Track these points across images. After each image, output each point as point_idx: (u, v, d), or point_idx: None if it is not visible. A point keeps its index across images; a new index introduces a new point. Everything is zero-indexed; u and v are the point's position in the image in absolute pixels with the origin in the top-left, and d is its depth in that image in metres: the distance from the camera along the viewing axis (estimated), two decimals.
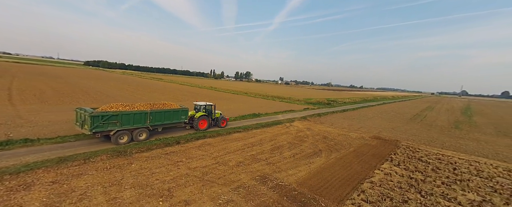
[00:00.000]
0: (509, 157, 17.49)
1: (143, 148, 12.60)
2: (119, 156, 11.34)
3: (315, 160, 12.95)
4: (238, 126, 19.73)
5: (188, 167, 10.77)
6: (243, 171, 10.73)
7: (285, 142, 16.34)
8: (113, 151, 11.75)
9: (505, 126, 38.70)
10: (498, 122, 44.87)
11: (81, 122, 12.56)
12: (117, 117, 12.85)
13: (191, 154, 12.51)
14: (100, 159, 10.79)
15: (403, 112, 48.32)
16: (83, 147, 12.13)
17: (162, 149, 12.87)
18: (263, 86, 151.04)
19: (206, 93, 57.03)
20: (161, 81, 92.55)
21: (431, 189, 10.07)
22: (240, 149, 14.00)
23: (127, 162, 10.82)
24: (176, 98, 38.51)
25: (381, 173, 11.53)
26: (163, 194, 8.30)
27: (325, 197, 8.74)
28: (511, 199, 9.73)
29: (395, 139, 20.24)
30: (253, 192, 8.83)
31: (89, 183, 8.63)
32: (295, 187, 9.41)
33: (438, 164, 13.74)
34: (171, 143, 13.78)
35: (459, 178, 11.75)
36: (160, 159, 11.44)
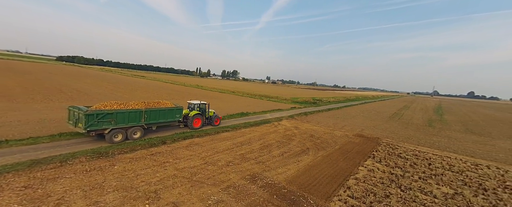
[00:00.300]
0: (475, 152, 19.04)
1: (126, 149, 12.05)
2: (99, 158, 10.74)
3: (303, 158, 13.20)
4: (226, 125, 19.54)
5: (175, 168, 10.47)
6: (233, 170, 10.65)
7: (273, 141, 16.46)
8: (93, 152, 11.11)
9: (471, 124, 42.09)
10: (465, 120, 48.70)
11: (74, 121, 12.25)
12: (112, 116, 12.72)
13: (178, 154, 12.17)
14: (78, 161, 10.15)
15: (383, 111, 50.76)
16: (60, 149, 11.33)
17: (147, 150, 12.39)
18: (250, 85, 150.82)
19: (192, 91, 55.83)
20: (144, 78, 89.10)
21: (409, 183, 10.69)
22: (229, 148, 13.88)
23: (109, 164, 10.28)
24: (160, 97, 37.26)
25: (364, 170, 12.02)
26: (150, 196, 8.00)
27: (313, 194, 8.93)
28: (478, 191, 10.60)
29: (376, 137, 21.21)
30: (243, 191, 8.79)
31: (67, 187, 8.08)
32: (284, 185, 9.52)
33: (415, 160, 14.61)
34: (156, 144, 13.31)
35: (434, 172, 12.58)
36: (145, 160, 11.01)
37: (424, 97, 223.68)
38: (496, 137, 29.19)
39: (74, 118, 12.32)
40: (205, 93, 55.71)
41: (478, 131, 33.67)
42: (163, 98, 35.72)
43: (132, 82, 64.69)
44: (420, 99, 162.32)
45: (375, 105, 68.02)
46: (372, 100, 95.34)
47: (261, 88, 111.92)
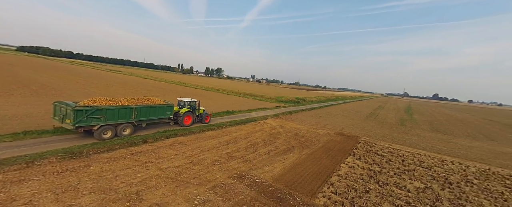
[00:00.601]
0: (441, 149, 20.81)
1: (103, 148, 11.29)
2: (72, 158, 9.94)
3: (289, 156, 13.41)
4: (212, 124, 19.18)
5: (158, 167, 10.04)
6: (219, 169, 10.48)
7: (259, 139, 16.50)
8: (65, 152, 10.24)
9: (437, 123, 45.94)
10: (431, 119, 52.99)
11: (61, 116, 11.90)
12: (101, 112, 12.47)
13: (161, 153, 11.69)
14: (48, 162, 9.30)
15: (361, 111, 53.39)
16: (25, 149, 10.30)
17: (127, 149, 11.73)
18: (235, 83, 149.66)
19: (174, 88, 54.00)
20: (120, 73, 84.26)
21: (386, 179, 11.37)
22: (215, 147, 13.63)
23: (83, 164, 9.56)
24: (139, 93, 35.49)
25: (346, 167, 12.54)
26: (131, 198, 7.57)
27: (299, 191, 9.11)
28: (445, 185, 11.59)
29: (355, 135, 22.25)
30: (231, 190, 8.70)
31: (35, 190, 7.37)
32: (271, 183, 9.59)
33: (390, 157, 15.57)
34: (137, 143, 12.65)
35: (407, 168, 13.52)
36: (125, 160, 10.41)
37: (396, 98, 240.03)
38: (457, 135, 32.19)
39: (61, 113, 11.94)
40: (189, 90, 54.19)
41: (442, 129, 36.86)
42: (140, 94, 34.11)
43: (107, 77, 60.83)
44: (392, 99, 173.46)
45: (353, 105, 71.31)
46: (350, 100, 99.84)
47: (246, 86, 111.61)
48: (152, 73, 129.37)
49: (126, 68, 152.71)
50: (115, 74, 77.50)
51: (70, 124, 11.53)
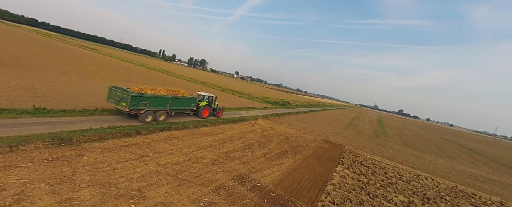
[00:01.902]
0: (414, 164, 22.64)
1: (94, 137, 10.50)
2: (61, 145, 9.12)
3: (284, 161, 13.63)
4: (205, 120, 18.75)
5: (157, 163, 9.61)
6: (219, 170, 10.33)
7: (254, 140, 16.51)
8: (52, 137, 9.35)
9: (406, 138, 49.83)
10: (400, 133, 57.25)
11: (117, 100, 13.68)
12: (148, 99, 14.34)
13: (157, 147, 11.19)
14: (34, 147, 8.44)
15: (340, 119, 55.90)
16: (4, 130, 9.20)
17: (120, 140, 11.05)
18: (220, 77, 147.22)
19: (157, 75, 51.71)
20: (95, 52, 78.31)
21: (375, 191, 12.12)
22: (212, 145, 13.38)
23: (75, 153, 8.82)
24: (120, 77, 33.48)
25: (337, 176, 13.12)
26: (134, 195, 7.18)
27: (300, 199, 9.34)
28: (424, 199, 12.62)
29: (340, 144, 23.29)
30: (234, 193, 8.63)
31: (25, 179, 6.67)
32: (272, 188, 9.68)
33: (374, 168, 16.60)
34: (130, 133, 11.96)
35: (390, 181, 14.53)
36: (120, 152, 9.81)
37: (368, 110, 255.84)
38: (424, 151, 35.22)
39: (117, 97, 13.72)
40: (173, 80, 52.23)
41: (411, 144, 40.06)
42: (126, 80, 32.26)
43: (80, 54, 56.47)
44: (365, 111, 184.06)
45: (333, 113, 74.35)
46: (330, 108, 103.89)
47: (231, 82, 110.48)
48: (131, 56, 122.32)
49: (101, 46, 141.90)
50: (89, 51, 71.90)
51: (125, 107, 13.36)
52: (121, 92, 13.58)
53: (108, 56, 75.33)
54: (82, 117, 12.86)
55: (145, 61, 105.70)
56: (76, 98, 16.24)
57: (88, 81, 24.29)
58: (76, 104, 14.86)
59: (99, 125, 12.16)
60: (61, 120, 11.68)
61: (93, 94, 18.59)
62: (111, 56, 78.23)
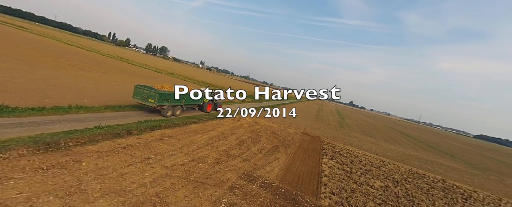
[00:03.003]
0: (377, 151, 25.91)
1: (83, 139, 9.42)
2: (49, 151, 8.00)
3: (279, 155, 14.31)
4: (191, 115, 18.14)
5: (163, 165, 9.20)
6: (226, 169, 10.40)
7: (245, 136, 16.73)
8: (35, 141, 8.10)
9: (363, 127, 56.20)
10: (358, 124, 64.23)
11: (145, 97, 15.15)
12: (169, 96, 16.17)
13: (156, 148, 10.60)
14: (18, 155, 7.25)
15: (309, 111, 59.67)
16: None
17: (113, 141, 10.12)
18: (185, 67, 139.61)
19: (118, 65, 46.84)
20: (26, 31, 66.12)
21: (358, 178, 13.79)
22: (208, 143, 13.17)
23: (70, 159, 7.85)
24: (78, 67, 29.44)
25: (326, 167, 14.44)
26: (155, 201, 6.89)
27: (305, 192, 10.12)
28: (394, 183, 14.85)
29: (317, 136, 25.23)
30: (248, 192, 8.90)
31: (28, 193, 5.82)
32: (279, 184, 10.24)
33: (351, 158, 18.64)
34: (121, 134, 10.99)
35: (366, 168, 16.61)
36: (120, 155, 9.05)
37: (326, 101, 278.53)
38: (379, 139, 40.51)
39: (144, 95, 15.19)
40: (137, 70, 48.02)
41: (369, 133, 45.53)
42: (80, 68, 28.53)
43: (7, 33, 47.40)
44: (324, 103, 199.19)
45: (301, 105, 78.62)
46: (296, 101, 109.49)
47: (198, 73, 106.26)
48: (74, 38, 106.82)
49: (31, 24, 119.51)
50: (15, 29, 60.39)
51: (153, 103, 15.06)
52: (148, 90, 15.22)
53: (46, 37, 64.44)
54: (57, 116, 11.23)
55: (94, 45, 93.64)
56: (35, 93, 13.88)
57: (35, 70, 20.56)
58: (39, 100, 12.76)
59: (82, 125, 10.86)
60: (34, 121, 10.05)
61: (55, 88, 16.10)
62: (50, 37, 67.09)
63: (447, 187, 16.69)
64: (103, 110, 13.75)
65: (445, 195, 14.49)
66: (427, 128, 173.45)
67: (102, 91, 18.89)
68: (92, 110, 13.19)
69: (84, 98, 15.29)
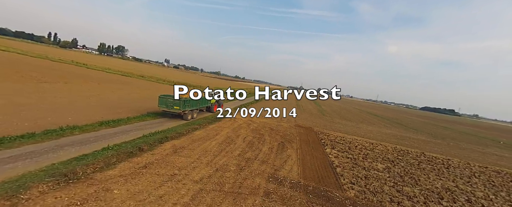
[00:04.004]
0: (362, 134, 27.91)
1: (99, 164, 8.55)
2: (70, 182, 7.16)
3: (289, 152, 14.68)
4: (191, 122, 17.42)
5: (192, 180, 8.86)
6: (251, 174, 10.38)
7: (250, 136, 16.71)
8: (50, 174, 7.20)
9: (340, 113, 60.03)
10: (334, 109, 68.35)
11: (170, 105, 17.16)
12: (190, 101, 18.50)
13: (175, 163, 10.09)
14: (39, 192, 6.39)
15: (290, 103, 61.42)
16: None
17: (129, 162, 9.36)
18: (151, 67, 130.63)
19: (79, 71, 42.12)
20: None
21: (363, 164, 14.93)
22: (221, 149, 12.90)
23: (98, 188, 7.13)
24: (36, 79, 25.87)
25: (332, 157, 15.30)
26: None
27: (330, 186, 10.60)
28: (391, 163, 16.41)
29: (309, 126, 26.31)
30: (283, 195, 9.07)
31: None
32: (304, 182, 10.56)
33: (347, 145, 19.91)
34: (134, 152, 10.20)
35: (363, 153, 17.99)
36: (145, 176, 8.45)
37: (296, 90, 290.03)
38: (357, 122, 43.81)
39: (169, 103, 17.20)
40: (102, 75, 43.87)
41: (347, 118, 48.90)
42: (38, 79, 25.18)
43: None
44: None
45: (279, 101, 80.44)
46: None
47: (168, 73, 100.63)
48: (5, 41, 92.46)
49: None
50: None
51: (179, 109, 17.24)
52: (171, 99, 17.12)
53: None
54: (53, 141, 9.96)
55: (36, 48, 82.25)
56: (7, 116, 11.96)
57: None
58: (18, 124, 11.05)
59: (87, 148, 9.82)
60: (32, 150, 8.78)
61: (24, 107, 13.97)
62: None
63: (429, 159, 19.13)
64: (99, 128, 12.43)
65: (432, 167, 16.61)
66: (384, 105, 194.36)
67: (82, 106, 16.91)
68: (87, 129, 11.84)
69: (67, 116, 13.57)
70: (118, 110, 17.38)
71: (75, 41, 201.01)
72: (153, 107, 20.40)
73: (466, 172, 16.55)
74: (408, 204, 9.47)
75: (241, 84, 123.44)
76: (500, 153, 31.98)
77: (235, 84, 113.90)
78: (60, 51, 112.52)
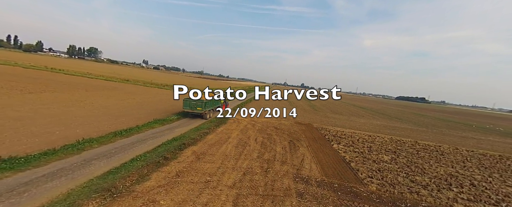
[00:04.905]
0: (359, 127, 29.15)
1: (134, 176, 8.43)
2: (115, 197, 7.04)
3: (302, 151, 15.10)
4: (200, 125, 17.18)
5: (226, 185, 8.99)
6: (277, 176, 10.63)
7: (260, 137, 16.94)
8: (94, 190, 6.98)
9: (329, 107, 62.19)
10: (324, 104, 70.51)
11: (194, 106, 20.04)
12: (209, 103, 21.00)
13: (203, 169, 10.13)
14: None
15: (281, 100, 62.24)
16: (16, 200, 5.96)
17: (161, 172, 9.28)
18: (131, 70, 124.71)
19: (60, 78, 39.62)
20: None
21: (371, 157, 15.79)
22: (239, 153, 13.02)
23: (145, 201, 7.07)
24: (13, 88, 24.08)
25: (342, 152, 16.03)
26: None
27: (352, 182, 11.00)
28: (394, 154, 17.57)
29: (308, 123, 27.08)
30: (315, 195, 9.38)
31: None
32: (328, 180, 10.96)
33: (350, 139, 20.84)
34: (160, 161, 10.08)
35: (366, 146, 19.01)
36: (182, 185, 8.45)
37: (283, 87, 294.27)
38: (348, 115, 45.64)
39: (193, 105, 20.00)
40: (85, 81, 41.64)
41: (337, 111, 50.71)
42: (14, 89, 23.53)
43: None
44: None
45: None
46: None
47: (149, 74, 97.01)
48: None
49: None
50: None
51: (201, 110, 19.99)
52: (194, 102, 19.95)
53: None
54: (77, 157, 9.58)
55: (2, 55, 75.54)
56: (17, 134, 11.20)
57: None
58: (32, 141, 10.38)
59: (115, 161, 9.56)
60: (60, 167, 8.49)
61: (25, 122, 13.05)
62: None
63: (424, 147, 20.70)
64: (114, 139, 12.00)
65: (429, 155, 18.02)
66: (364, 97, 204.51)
67: (82, 116, 16.05)
68: (103, 142, 11.39)
69: (74, 128, 12.91)
70: (121, 118, 16.72)
71: (40, 44, 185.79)
72: (155, 114, 19.86)
73: (458, 157, 18.19)
74: (425, 193, 10.30)
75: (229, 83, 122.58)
76: (477, 136, 35.26)
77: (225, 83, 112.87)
78: (26, 56, 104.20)
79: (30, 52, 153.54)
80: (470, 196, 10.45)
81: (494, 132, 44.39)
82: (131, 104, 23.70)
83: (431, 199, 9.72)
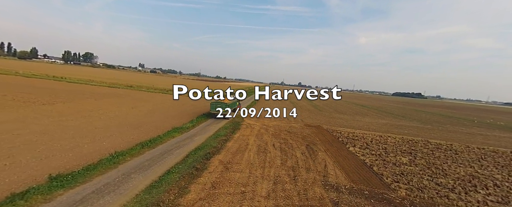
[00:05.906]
0: (367, 127, 29.31)
1: (174, 190, 8.59)
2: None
3: (321, 156, 15.21)
4: (217, 133, 17.31)
5: (261, 196, 9.13)
6: (307, 183, 10.77)
7: (276, 142, 17.07)
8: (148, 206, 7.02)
9: (332, 106, 62.56)
10: (326, 103, 70.90)
11: (219, 109, 23.31)
12: (231, 104, 24.94)
13: (235, 179, 10.29)
14: None
15: (283, 101, 62.41)
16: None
17: (196, 183, 9.43)
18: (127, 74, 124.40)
19: (64, 87, 39.49)
20: None
21: (390, 159, 15.97)
22: (263, 160, 13.13)
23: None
24: (23, 101, 24.05)
25: (360, 156, 16.22)
26: None
27: (380, 188, 10.99)
28: (411, 155, 17.74)
29: (317, 125, 27.29)
30: (349, 203, 9.45)
31: None
32: (357, 187, 11.00)
33: (363, 140, 20.93)
34: (193, 173, 10.21)
35: (381, 147, 19.21)
36: (220, 196, 8.60)
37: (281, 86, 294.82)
38: (353, 115, 45.87)
39: (219, 107, 23.42)
40: (90, 89, 41.57)
41: (341, 111, 50.90)
42: (25, 101, 23.52)
43: None
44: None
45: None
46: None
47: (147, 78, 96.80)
48: None
49: None
50: None
51: (227, 112, 23.58)
52: (220, 104, 23.47)
53: None
54: (114, 171, 9.63)
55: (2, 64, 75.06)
56: (46, 148, 11.20)
57: None
58: (65, 155, 10.43)
59: (151, 175, 9.61)
60: (105, 183, 8.55)
61: (49, 136, 13.09)
62: None
63: (437, 146, 20.99)
64: (142, 151, 12.15)
65: (444, 154, 18.29)
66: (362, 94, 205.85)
67: (102, 127, 16.09)
68: (134, 154, 11.52)
69: (100, 141, 12.98)
70: (140, 128, 16.81)
71: (34, 50, 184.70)
72: (171, 121, 19.95)
73: (473, 156, 18.49)
74: (454, 197, 10.49)
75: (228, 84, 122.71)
76: (482, 132, 35.72)
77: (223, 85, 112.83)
78: (22, 63, 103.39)
79: (25, 59, 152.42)
80: (497, 197, 10.70)
81: (496, 127, 44.95)
82: (143, 112, 23.75)
83: (462, 203, 9.91)
